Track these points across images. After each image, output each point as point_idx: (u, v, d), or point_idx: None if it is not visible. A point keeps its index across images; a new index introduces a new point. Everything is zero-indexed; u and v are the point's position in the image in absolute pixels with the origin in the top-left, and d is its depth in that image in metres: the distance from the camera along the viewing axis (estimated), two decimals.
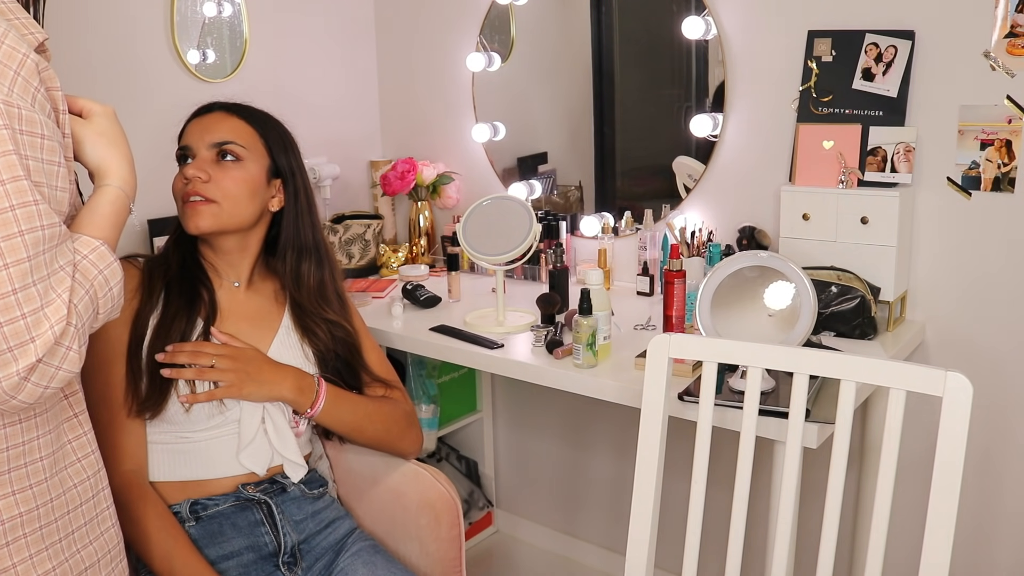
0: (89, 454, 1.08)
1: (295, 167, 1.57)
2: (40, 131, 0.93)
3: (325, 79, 2.60)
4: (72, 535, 1.04)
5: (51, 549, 1.01)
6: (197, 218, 1.46)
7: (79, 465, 1.06)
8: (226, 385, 1.43)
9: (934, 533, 1.20)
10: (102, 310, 0.99)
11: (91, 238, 1.00)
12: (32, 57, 0.94)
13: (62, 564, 1.02)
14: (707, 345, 1.39)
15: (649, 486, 1.41)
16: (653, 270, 2.17)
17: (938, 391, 1.20)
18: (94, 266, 0.98)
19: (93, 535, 1.07)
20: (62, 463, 1.03)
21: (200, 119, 1.53)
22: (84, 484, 1.06)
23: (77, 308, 0.93)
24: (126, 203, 1.09)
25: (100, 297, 0.98)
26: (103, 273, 0.98)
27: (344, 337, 1.61)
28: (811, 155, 1.90)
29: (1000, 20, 1.71)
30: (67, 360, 0.92)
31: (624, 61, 2.33)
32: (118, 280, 1.01)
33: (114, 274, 1.00)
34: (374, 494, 1.66)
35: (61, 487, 1.03)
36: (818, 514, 1.32)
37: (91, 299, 0.96)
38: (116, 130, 1.12)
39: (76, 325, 0.93)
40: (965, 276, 1.85)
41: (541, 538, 2.71)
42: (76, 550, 1.04)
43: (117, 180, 1.08)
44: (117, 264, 1.01)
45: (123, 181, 1.09)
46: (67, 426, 1.06)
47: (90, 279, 0.96)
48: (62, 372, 0.92)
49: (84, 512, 1.06)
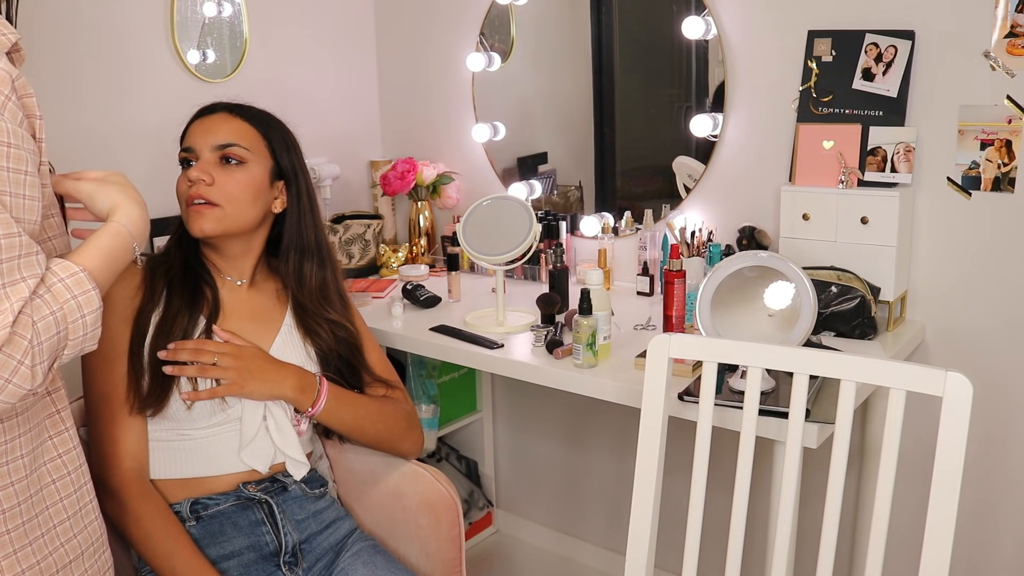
0: (71, 449, 1.08)
1: (298, 168, 1.57)
2: (6, 139, 0.92)
3: (325, 79, 2.60)
4: (55, 529, 1.04)
5: (35, 544, 1.01)
6: (201, 221, 1.46)
7: (60, 461, 1.06)
8: (228, 383, 1.43)
9: (934, 533, 1.20)
10: (72, 336, 0.96)
11: (72, 263, 0.98)
12: (2, 66, 0.93)
13: (46, 558, 1.02)
14: (707, 345, 1.39)
15: (649, 486, 1.41)
16: (653, 270, 2.17)
17: (938, 391, 1.20)
18: (68, 290, 0.96)
19: (77, 528, 1.07)
20: (42, 459, 1.03)
21: (203, 120, 1.52)
22: (65, 479, 1.06)
23: (36, 326, 0.91)
24: (128, 241, 1.08)
25: (70, 322, 0.95)
26: (76, 299, 0.96)
27: (346, 337, 1.61)
28: (811, 155, 1.90)
29: (1000, 20, 1.71)
30: (17, 374, 0.89)
31: (624, 61, 2.33)
32: (93, 309, 0.98)
33: (89, 302, 0.98)
34: (374, 494, 1.66)
35: (40, 483, 1.03)
36: (818, 514, 1.32)
37: (56, 321, 0.93)
38: (127, 183, 1.14)
39: (31, 341, 0.90)
40: (965, 276, 1.85)
41: (541, 538, 2.71)
42: (60, 544, 1.04)
43: (123, 218, 1.09)
44: (95, 293, 0.99)
45: (129, 220, 1.09)
46: (48, 423, 1.05)
47: (60, 302, 0.94)
48: (11, 386, 0.89)
49: (67, 507, 1.06)
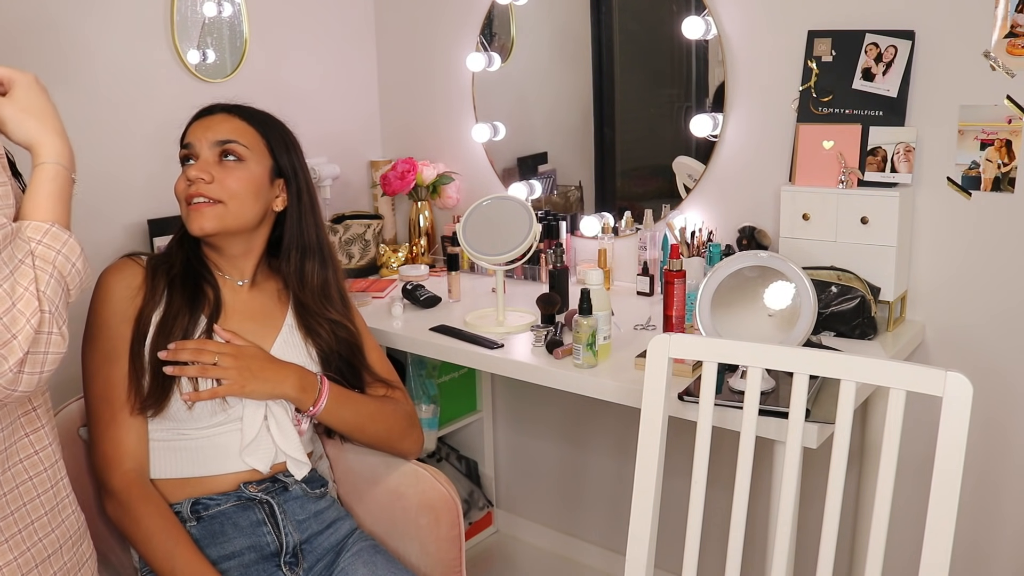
0: (47, 446, 1.08)
1: (298, 167, 1.57)
2: None
3: (325, 79, 2.60)
4: (32, 525, 1.04)
5: (11, 541, 1.01)
6: (201, 220, 1.46)
7: (36, 458, 1.06)
8: (229, 383, 1.43)
9: (934, 533, 1.20)
10: (72, 286, 1.00)
11: (40, 222, 0.99)
12: None
13: (24, 554, 1.02)
14: (707, 345, 1.39)
15: (649, 486, 1.41)
16: (653, 270, 2.17)
17: (938, 391, 1.20)
18: (51, 248, 0.98)
19: (55, 523, 1.07)
20: (16, 457, 1.04)
21: (202, 120, 1.53)
22: (41, 476, 1.06)
23: (47, 294, 0.94)
24: (67, 176, 1.06)
25: (67, 275, 0.98)
26: (62, 252, 0.99)
27: (347, 337, 1.61)
28: (811, 155, 1.90)
29: (1000, 20, 1.71)
30: (52, 343, 0.95)
31: (624, 61, 2.33)
32: (78, 255, 1.01)
33: (72, 250, 1.00)
34: (374, 494, 1.66)
35: (15, 481, 1.03)
36: (818, 514, 1.32)
37: (58, 281, 0.97)
38: (40, 101, 1.08)
39: (50, 311, 0.94)
40: (965, 276, 1.85)
41: (541, 538, 2.71)
42: (38, 539, 1.04)
43: (52, 155, 1.05)
44: (73, 240, 1.01)
45: (58, 155, 1.06)
46: (24, 420, 1.06)
47: (51, 262, 0.97)
48: (51, 355, 0.95)
49: (43, 502, 1.06)
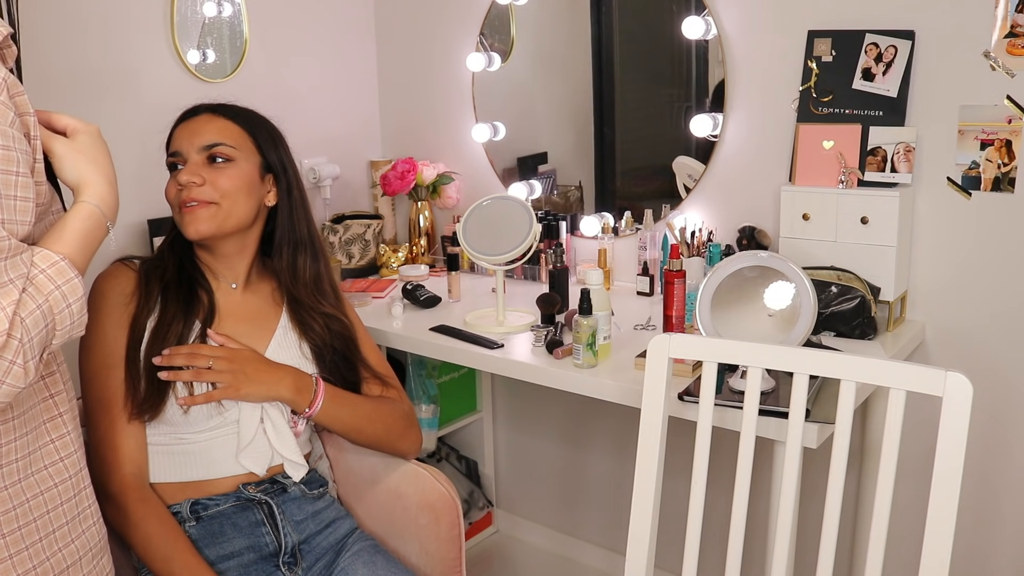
0: (72, 453, 1.06)
1: (286, 162, 1.57)
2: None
3: (325, 79, 2.60)
4: (53, 534, 1.03)
5: (31, 549, 1.00)
6: (196, 223, 1.46)
7: (61, 464, 1.05)
8: (224, 386, 1.43)
9: (934, 533, 1.20)
10: (59, 327, 0.95)
11: (52, 252, 0.96)
12: None
13: (43, 563, 1.01)
14: (707, 345, 1.39)
15: (649, 486, 1.41)
16: (653, 270, 2.17)
17: (938, 391, 1.20)
18: (51, 281, 0.94)
19: (75, 533, 1.06)
20: (41, 463, 1.02)
21: (187, 123, 1.52)
22: (65, 483, 1.05)
23: (25, 323, 0.90)
24: (101, 221, 1.04)
25: (56, 313, 0.94)
26: (60, 289, 0.95)
27: (341, 331, 1.61)
28: (811, 155, 1.90)
29: (1000, 20, 1.71)
30: (10, 374, 0.89)
31: (624, 61, 2.32)
32: (78, 297, 0.97)
33: (73, 291, 0.96)
34: (374, 494, 1.66)
35: (39, 487, 1.01)
36: (818, 514, 1.32)
37: (43, 314, 0.92)
38: (98, 148, 1.08)
39: (20, 339, 0.89)
40: (965, 276, 1.85)
41: (541, 538, 2.71)
42: (57, 548, 1.03)
43: (94, 198, 1.04)
44: (78, 281, 0.97)
45: (100, 199, 1.05)
46: (50, 425, 1.04)
47: (44, 294, 0.93)
48: (6, 387, 0.89)
49: (65, 511, 1.05)
